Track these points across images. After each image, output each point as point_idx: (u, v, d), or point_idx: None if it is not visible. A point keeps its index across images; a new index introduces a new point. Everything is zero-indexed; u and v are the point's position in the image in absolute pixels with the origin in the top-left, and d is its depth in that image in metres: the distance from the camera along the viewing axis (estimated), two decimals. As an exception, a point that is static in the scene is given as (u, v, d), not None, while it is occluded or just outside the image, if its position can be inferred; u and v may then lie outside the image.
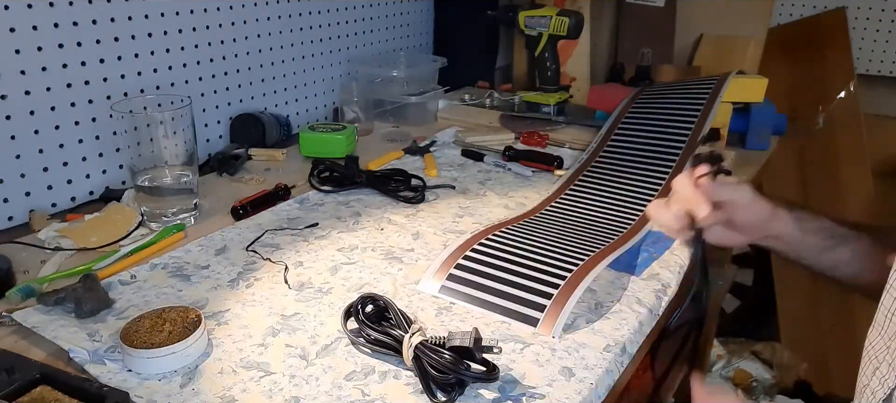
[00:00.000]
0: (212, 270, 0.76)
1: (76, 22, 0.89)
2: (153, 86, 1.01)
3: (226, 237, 0.84)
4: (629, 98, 1.19)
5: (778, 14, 1.69)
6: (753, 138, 1.19)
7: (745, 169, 1.09)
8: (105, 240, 0.82)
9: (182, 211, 0.87)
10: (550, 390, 0.57)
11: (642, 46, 1.46)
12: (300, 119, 1.31)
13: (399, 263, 0.78)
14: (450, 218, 0.91)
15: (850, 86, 1.62)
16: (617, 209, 0.92)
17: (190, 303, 0.68)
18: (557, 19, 1.28)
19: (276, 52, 1.22)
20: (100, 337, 0.63)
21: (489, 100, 1.45)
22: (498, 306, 0.68)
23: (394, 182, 0.99)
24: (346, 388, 0.57)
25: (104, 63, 0.94)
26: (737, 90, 1.14)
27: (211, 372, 0.58)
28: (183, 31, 1.05)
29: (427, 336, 0.58)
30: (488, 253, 0.76)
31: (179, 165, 0.86)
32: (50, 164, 0.91)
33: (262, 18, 1.17)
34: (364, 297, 0.64)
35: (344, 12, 1.35)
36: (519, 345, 0.63)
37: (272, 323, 0.66)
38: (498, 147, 1.16)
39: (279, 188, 0.95)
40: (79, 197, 0.95)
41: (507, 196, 0.99)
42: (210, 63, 1.10)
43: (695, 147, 1.00)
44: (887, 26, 1.62)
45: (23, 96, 0.86)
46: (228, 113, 1.16)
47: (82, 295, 0.65)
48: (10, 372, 0.53)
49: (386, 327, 0.61)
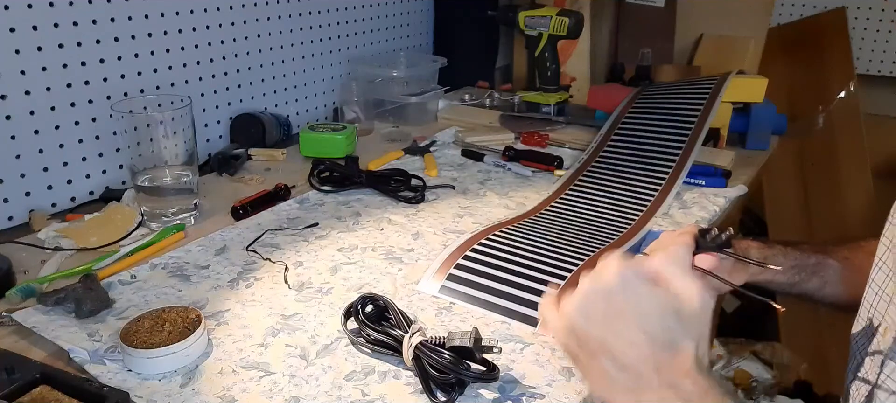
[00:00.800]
0: (212, 270, 0.76)
1: (76, 22, 0.89)
2: (153, 86, 1.01)
3: (226, 237, 0.84)
4: (629, 98, 1.19)
5: (778, 14, 1.69)
6: (753, 138, 1.19)
7: (745, 169, 1.09)
8: (105, 240, 0.82)
9: (182, 211, 0.87)
10: (550, 390, 0.57)
11: (642, 46, 1.46)
12: (300, 119, 1.31)
13: (399, 263, 0.78)
14: (450, 218, 0.91)
15: (850, 86, 1.62)
16: (617, 209, 0.92)
17: (190, 303, 0.68)
18: (557, 19, 1.28)
19: (276, 52, 1.22)
20: (100, 337, 0.63)
21: (489, 100, 1.45)
22: (498, 306, 0.68)
23: (394, 182, 0.99)
24: (346, 388, 0.57)
25: (104, 63, 0.94)
26: (737, 90, 1.14)
27: (211, 372, 0.58)
28: (183, 31, 1.05)
29: (427, 337, 0.58)
30: (488, 253, 0.76)
31: (179, 165, 0.86)
32: (50, 164, 0.91)
33: (262, 18, 1.17)
34: (364, 297, 0.64)
35: (344, 12, 1.35)
36: (519, 345, 0.63)
37: (272, 322, 0.66)
38: (498, 147, 1.16)
39: (279, 188, 0.95)
40: (79, 197, 0.95)
41: (507, 196, 0.99)
42: (210, 63, 1.10)
43: (694, 147, 1.00)
44: (887, 26, 1.62)
45: (23, 96, 0.86)
46: (228, 113, 1.16)
47: (82, 295, 0.65)
48: (10, 372, 0.53)
49: (386, 327, 0.61)
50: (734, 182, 1.02)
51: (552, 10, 1.30)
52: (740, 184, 1.02)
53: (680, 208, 0.94)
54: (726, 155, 1.10)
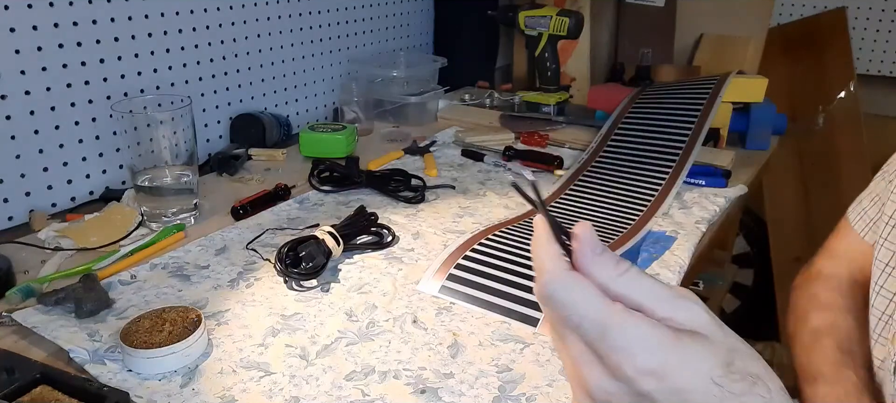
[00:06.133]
0: (212, 270, 0.76)
1: (76, 22, 0.89)
2: (153, 86, 1.01)
3: (226, 237, 0.84)
4: (629, 98, 1.19)
5: (778, 14, 1.69)
6: (753, 138, 1.19)
7: (745, 169, 1.09)
8: (105, 240, 0.82)
9: (182, 211, 0.87)
10: (550, 390, 0.57)
11: (642, 46, 1.46)
12: (300, 119, 1.31)
13: (399, 263, 0.78)
14: (450, 218, 0.91)
15: (850, 86, 1.62)
16: (617, 209, 0.92)
17: (190, 303, 0.68)
18: (557, 19, 1.28)
19: (276, 52, 1.22)
20: (100, 337, 0.63)
21: (489, 100, 1.45)
22: (498, 306, 0.68)
23: (394, 182, 0.99)
24: (346, 388, 0.57)
25: (104, 63, 0.94)
26: (737, 90, 1.14)
27: (211, 372, 0.58)
28: (183, 31, 1.05)
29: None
30: (488, 253, 0.76)
31: (179, 165, 0.86)
32: (50, 164, 0.91)
33: (262, 18, 1.17)
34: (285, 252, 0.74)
35: (344, 12, 1.35)
36: (519, 345, 0.63)
37: (272, 323, 0.66)
38: (498, 147, 1.16)
39: (279, 188, 0.95)
40: (79, 197, 0.95)
41: (507, 196, 0.99)
42: (210, 63, 1.10)
43: (694, 147, 1.00)
44: (887, 26, 1.62)
45: (23, 96, 0.86)
46: (228, 113, 1.16)
47: (82, 295, 0.65)
48: (10, 372, 0.53)
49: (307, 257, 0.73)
50: (734, 182, 1.02)
51: (552, 10, 1.30)
52: (740, 183, 1.02)
53: (680, 208, 0.94)
54: (726, 155, 1.11)
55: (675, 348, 0.29)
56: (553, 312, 0.31)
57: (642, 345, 0.29)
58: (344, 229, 0.80)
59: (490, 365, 0.60)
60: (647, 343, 0.29)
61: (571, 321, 0.30)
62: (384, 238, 0.83)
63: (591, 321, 0.29)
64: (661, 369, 0.28)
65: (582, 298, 0.30)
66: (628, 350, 0.29)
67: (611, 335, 0.29)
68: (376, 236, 0.83)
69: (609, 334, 0.29)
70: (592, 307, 0.30)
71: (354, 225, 0.83)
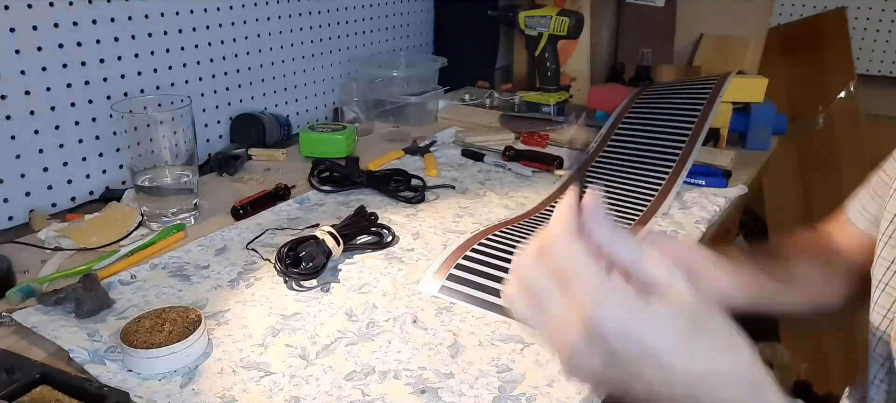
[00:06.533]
0: (212, 270, 0.76)
1: (76, 22, 0.89)
2: (153, 87, 1.01)
3: (226, 237, 0.84)
4: (629, 98, 1.19)
5: (778, 14, 1.69)
6: (753, 138, 1.19)
7: (745, 169, 1.09)
8: (105, 240, 0.82)
9: (182, 211, 0.87)
10: (550, 390, 0.57)
11: (642, 46, 1.46)
12: (300, 119, 1.31)
13: (399, 263, 0.78)
14: (450, 218, 0.91)
15: (850, 86, 1.61)
16: (617, 209, 0.92)
17: (190, 303, 0.68)
18: (557, 19, 1.28)
19: (276, 52, 1.22)
20: (100, 337, 0.63)
21: (489, 100, 1.45)
22: (498, 306, 0.68)
23: (394, 182, 0.99)
24: (346, 388, 0.57)
25: (104, 63, 0.94)
26: (737, 90, 1.14)
27: (211, 372, 0.58)
28: (183, 31, 1.05)
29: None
30: (488, 253, 0.76)
31: (179, 165, 0.86)
32: (50, 164, 0.91)
33: (262, 18, 1.17)
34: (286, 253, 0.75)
35: (344, 12, 1.35)
36: (519, 345, 0.63)
37: (272, 322, 0.66)
38: (498, 147, 1.16)
39: (279, 188, 0.95)
40: (79, 197, 0.95)
41: (507, 196, 0.99)
42: (210, 63, 1.10)
43: (694, 147, 1.00)
44: (887, 26, 1.62)
45: (23, 96, 0.86)
46: (228, 113, 1.16)
47: (82, 295, 0.65)
48: (10, 372, 0.53)
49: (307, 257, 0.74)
50: (734, 182, 1.02)
51: (552, 10, 1.30)
52: (740, 183, 1.02)
53: (680, 208, 0.94)
54: (726, 155, 1.11)
55: (640, 307, 0.34)
56: (548, 264, 0.35)
57: (612, 301, 0.34)
58: (344, 229, 0.80)
59: (490, 365, 0.60)
60: (615, 300, 0.34)
61: (556, 263, 0.35)
62: (384, 238, 0.83)
63: (574, 270, 0.34)
64: (623, 324, 0.33)
65: (575, 251, 0.35)
66: (597, 302, 0.34)
67: (581, 280, 0.34)
68: (376, 236, 0.83)
69: (579, 279, 0.34)
70: (580, 257, 0.35)
71: (354, 225, 0.83)
